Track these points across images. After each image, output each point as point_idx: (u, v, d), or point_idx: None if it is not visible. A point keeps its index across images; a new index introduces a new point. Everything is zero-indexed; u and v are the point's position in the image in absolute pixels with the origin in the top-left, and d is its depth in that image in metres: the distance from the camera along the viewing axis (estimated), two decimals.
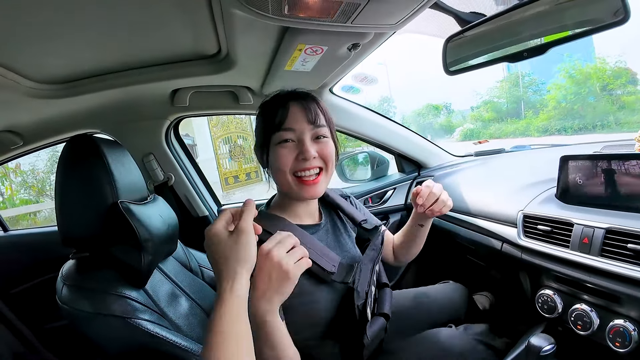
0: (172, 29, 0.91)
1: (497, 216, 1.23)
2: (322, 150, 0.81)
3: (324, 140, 0.83)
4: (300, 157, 0.79)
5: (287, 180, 0.80)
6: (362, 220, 0.99)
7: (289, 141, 0.80)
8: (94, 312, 0.79)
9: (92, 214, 0.89)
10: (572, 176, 1.04)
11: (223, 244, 0.59)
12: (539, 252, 1.04)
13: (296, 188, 0.81)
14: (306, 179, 0.80)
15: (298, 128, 0.80)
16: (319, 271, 0.79)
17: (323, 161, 0.82)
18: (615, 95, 11.98)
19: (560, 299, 1.00)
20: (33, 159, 7.94)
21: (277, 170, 0.81)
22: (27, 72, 0.99)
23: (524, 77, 15.53)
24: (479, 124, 15.55)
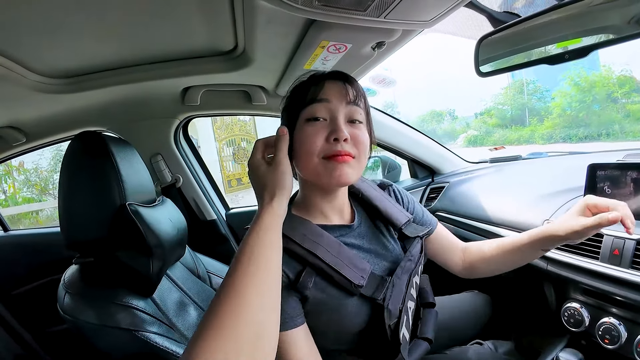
0: (188, 22, 0.86)
1: (521, 225, 1.18)
2: (356, 135, 0.69)
3: (358, 126, 0.71)
4: (331, 136, 0.67)
5: (314, 164, 0.68)
6: (405, 222, 0.84)
7: (320, 120, 0.68)
8: (99, 324, 0.73)
9: (99, 216, 0.84)
10: (600, 185, 0.98)
11: (262, 173, 0.63)
12: (566, 263, 1.00)
13: (324, 171, 0.68)
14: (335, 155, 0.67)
15: (333, 101, 0.69)
16: (343, 282, 0.69)
17: (355, 148, 0.69)
18: (620, 103, 11.97)
19: (587, 312, 0.97)
20: (36, 157, 7.95)
21: (304, 153, 0.68)
22: (33, 65, 0.94)
23: (529, 85, 15.54)
24: (482, 131, 15.54)
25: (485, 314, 1.24)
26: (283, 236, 0.63)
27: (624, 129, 11.26)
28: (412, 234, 0.83)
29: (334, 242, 0.72)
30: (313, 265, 0.68)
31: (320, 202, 0.77)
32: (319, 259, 0.68)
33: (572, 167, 1.45)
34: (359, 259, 0.73)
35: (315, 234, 0.71)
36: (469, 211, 1.49)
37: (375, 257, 0.79)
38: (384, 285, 0.72)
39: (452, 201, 1.65)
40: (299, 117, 0.70)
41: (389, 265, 0.79)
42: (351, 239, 0.78)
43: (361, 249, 0.78)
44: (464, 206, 1.55)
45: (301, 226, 0.72)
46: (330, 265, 0.68)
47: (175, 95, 1.33)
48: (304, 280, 0.66)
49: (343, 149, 0.66)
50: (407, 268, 0.79)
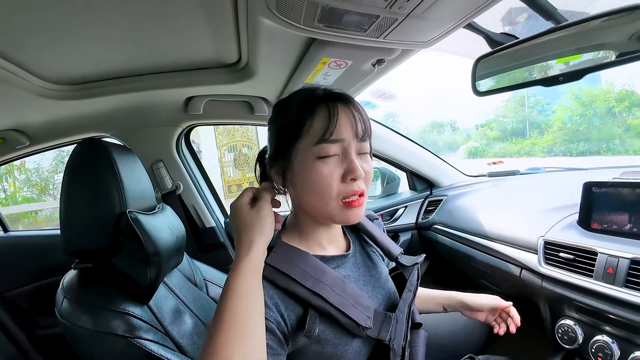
0: (194, 34, 0.88)
1: (516, 241, 1.20)
2: (367, 170, 0.65)
3: (366, 159, 0.67)
4: (349, 176, 0.62)
5: (331, 207, 0.63)
6: (400, 253, 0.81)
7: (334, 156, 0.63)
8: (94, 330, 0.74)
9: (98, 223, 0.84)
10: (595, 203, 1.01)
11: (245, 215, 0.63)
12: (560, 280, 1.01)
13: (339, 213, 0.64)
14: (352, 201, 0.63)
15: (346, 139, 0.63)
16: (350, 325, 0.63)
17: (365, 183, 0.66)
18: (620, 118, 11.96)
19: (581, 329, 0.97)
20: (38, 158, 7.93)
21: (318, 194, 0.63)
22: (38, 70, 0.96)
23: (529, 98, 15.55)
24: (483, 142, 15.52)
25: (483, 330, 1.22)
26: (280, 274, 0.62)
27: (624, 143, 11.24)
28: (410, 263, 0.78)
29: (337, 278, 0.66)
30: (316, 307, 0.62)
31: (317, 231, 0.72)
32: (324, 301, 0.62)
33: (569, 184, 1.46)
34: (362, 296, 0.68)
35: (317, 270, 0.65)
36: (466, 225, 1.50)
37: (372, 289, 0.75)
38: (389, 324, 0.68)
39: (450, 215, 1.66)
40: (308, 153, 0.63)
41: (386, 294, 0.76)
42: (348, 270, 0.73)
43: (358, 280, 0.74)
44: (462, 220, 1.56)
45: (300, 261, 0.65)
46: (337, 307, 0.62)
47: (178, 104, 1.35)
48: (309, 327, 0.60)
49: (360, 188, 0.63)
50: (407, 299, 0.75)
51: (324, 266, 0.67)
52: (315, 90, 0.67)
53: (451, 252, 1.60)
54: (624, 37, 0.74)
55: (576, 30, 0.77)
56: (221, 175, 8.40)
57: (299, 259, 0.65)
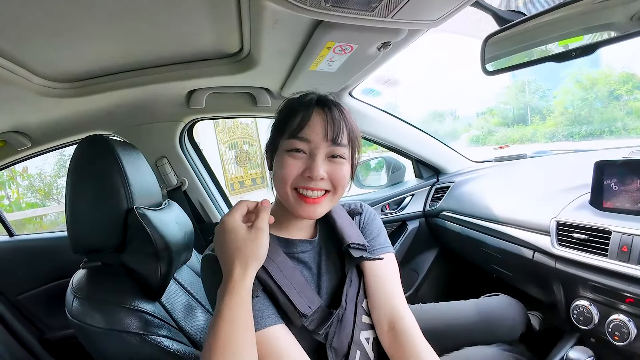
0: (194, 24, 0.86)
1: (528, 224, 1.18)
2: (334, 172, 0.68)
3: (339, 162, 0.69)
4: (306, 173, 0.66)
5: (286, 192, 0.68)
6: (355, 243, 0.76)
7: (300, 152, 0.67)
8: (107, 328, 0.72)
9: (106, 220, 0.83)
10: (607, 182, 1.00)
11: (240, 237, 0.62)
12: (574, 261, 1.00)
13: (294, 203, 0.68)
14: (307, 197, 0.67)
15: (314, 140, 0.67)
16: (288, 308, 0.65)
17: (332, 184, 0.68)
18: (622, 100, 11.89)
19: (597, 309, 0.96)
20: (40, 163, 7.94)
21: (279, 179, 0.68)
22: (38, 68, 0.94)
23: (530, 83, 15.44)
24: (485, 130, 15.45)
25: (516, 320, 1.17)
26: None
27: (627, 126, 11.18)
28: (358, 255, 0.75)
29: (288, 262, 0.70)
30: (260, 279, 0.66)
31: (287, 216, 0.75)
32: (267, 275, 0.66)
33: (578, 165, 1.45)
34: (309, 289, 0.69)
35: (273, 251, 0.68)
36: (476, 210, 1.48)
37: (328, 281, 0.76)
38: (328, 319, 0.67)
39: (458, 201, 1.65)
40: (280, 145, 0.70)
41: (333, 292, 0.75)
42: (307, 256, 0.76)
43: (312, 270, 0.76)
44: (470, 206, 1.54)
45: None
46: (279, 284, 0.66)
47: (180, 98, 1.33)
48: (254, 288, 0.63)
49: (317, 186, 0.67)
50: (351, 295, 0.74)
51: (280, 251, 0.71)
52: (310, 95, 0.73)
53: (460, 239, 1.59)
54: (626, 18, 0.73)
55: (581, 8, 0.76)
56: (223, 173, 8.41)
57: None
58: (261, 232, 0.63)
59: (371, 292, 0.77)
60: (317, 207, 0.68)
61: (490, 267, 1.47)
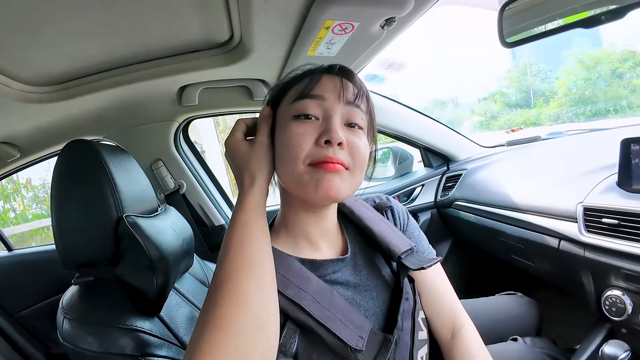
0: (178, 13, 0.78)
1: (551, 210, 1.11)
2: (353, 142, 0.56)
3: (358, 132, 0.58)
4: (323, 137, 0.54)
5: (299, 172, 0.54)
6: (406, 251, 0.66)
7: (311, 118, 0.56)
8: (101, 352, 0.66)
9: (94, 232, 0.77)
10: (635, 161, 0.92)
11: (242, 152, 0.59)
12: (605, 248, 0.93)
13: (309, 180, 0.54)
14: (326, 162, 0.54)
15: (329, 99, 0.57)
16: (336, 345, 0.53)
17: (350, 158, 0.56)
18: (625, 79, 11.76)
19: (630, 299, 0.90)
20: (44, 174, 7.96)
21: (287, 157, 0.56)
22: (15, 72, 0.87)
23: (532, 66, 15.28)
24: (487, 116, 15.34)
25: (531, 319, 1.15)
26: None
27: (632, 104, 11.08)
28: (415, 266, 0.64)
29: (324, 288, 0.57)
30: (296, 320, 0.54)
31: (305, 223, 0.63)
32: (304, 312, 0.53)
33: (597, 145, 1.38)
34: (355, 313, 0.57)
35: (300, 277, 0.57)
36: (492, 198, 1.41)
37: (374, 298, 0.64)
38: (387, 348, 0.55)
39: (472, 189, 1.57)
40: (285, 114, 0.59)
41: (384, 309, 0.64)
42: (345, 275, 0.63)
43: (358, 288, 0.63)
44: (486, 193, 1.47)
45: (281, 265, 0.57)
46: (319, 320, 0.53)
47: (171, 96, 1.25)
48: (285, 341, 0.53)
49: (335, 155, 0.54)
50: (407, 310, 0.63)
51: (310, 274, 0.58)
52: (311, 67, 0.65)
53: (476, 229, 1.52)
54: None
55: None
56: (227, 173, 8.40)
57: (281, 264, 0.57)
58: (262, 145, 0.59)
59: (429, 303, 0.72)
60: (337, 179, 0.54)
61: (510, 257, 1.40)
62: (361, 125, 0.59)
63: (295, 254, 0.62)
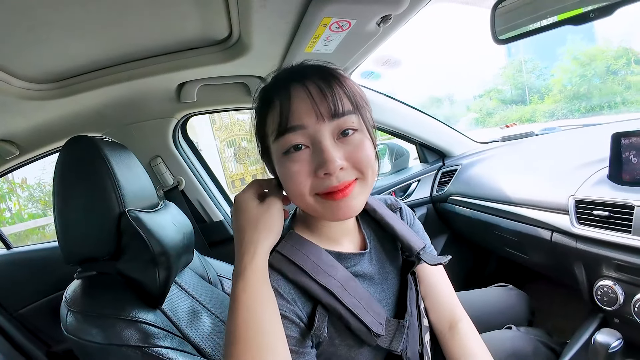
0: (178, 10, 0.79)
1: (544, 204, 1.13)
2: (353, 154, 0.53)
3: (354, 138, 0.54)
4: (320, 171, 0.52)
5: (308, 203, 0.56)
6: (422, 247, 0.69)
7: (301, 148, 0.53)
8: (105, 343, 0.67)
9: (97, 227, 0.78)
10: (625, 155, 0.95)
11: (251, 211, 0.57)
12: (596, 239, 0.95)
13: (322, 209, 0.56)
14: (333, 192, 0.53)
15: (308, 125, 0.52)
16: (361, 331, 0.57)
17: (356, 169, 0.54)
18: (620, 75, 11.82)
19: (622, 289, 0.92)
20: (39, 173, 7.91)
21: (292, 193, 0.56)
22: (15, 70, 0.88)
23: (527, 62, 15.32)
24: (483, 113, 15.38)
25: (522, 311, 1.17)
26: (291, 264, 0.57)
27: (627, 100, 11.15)
28: (433, 262, 0.67)
29: (349, 277, 0.60)
30: (326, 305, 0.56)
31: (327, 226, 0.65)
32: (335, 299, 0.56)
33: (589, 140, 1.40)
34: (374, 301, 0.61)
35: (329, 265, 0.59)
36: (486, 193, 1.43)
37: (385, 290, 0.68)
38: (401, 333, 0.61)
39: (467, 184, 1.59)
40: (274, 150, 0.57)
41: (393, 299, 0.69)
42: (363, 268, 0.66)
43: (372, 280, 0.67)
44: (480, 188, 1.49)
45: (311, 253, 0.59)
46: (348, 307, 0.56)
47: (170, 93, 1.26)
48: (319, 325, 0.55)
49: (340, 181, 0.52)
50: (412, 299, 0.68)
51: (336, 262, 0.61)
52: (281, 73, 0.61)
53: (471, 223, 1.54)
54: None
55: None
56: (223, 171, 8.37)
57: (311, 251, 0.59)
58: (273, 205, 0.58)
59: (429, 294, 0.78)
60: (350, 200, 0.54)
61: (504, 250, 1.42)
62: (355, 127, 0.55)
63: (324, 245, 0.63)
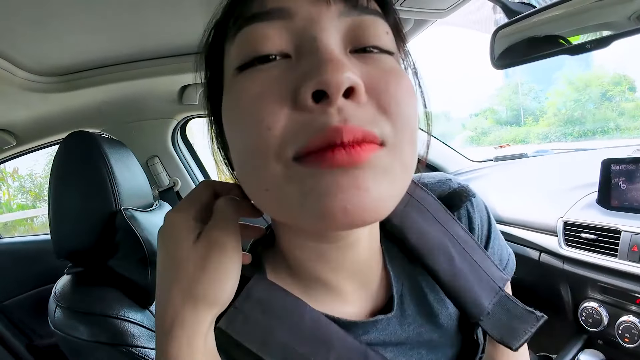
0: (186, 13, 0.80)
1: (533, 224, 1.14)
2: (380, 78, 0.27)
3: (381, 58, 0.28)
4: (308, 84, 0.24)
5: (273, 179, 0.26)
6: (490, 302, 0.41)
7: (274, 58, 0.27)
8: (92, 341, 0.67)
9: (91, 223, 0.78)
10: (614, 180, 0.98)
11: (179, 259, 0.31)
12: (582, 261, 0.97)
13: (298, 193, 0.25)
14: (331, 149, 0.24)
15: (299, 9, 0.27)
16: None
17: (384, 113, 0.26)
18: (614, 102, 12.05)
19: (606, 311, 0.94)
20: (31, 163, 7.81)
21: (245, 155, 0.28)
22: (21, 61, 0.88)
23: (523, 85, 15.54)
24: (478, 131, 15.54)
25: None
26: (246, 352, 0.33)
27: (620, 126, 11.36)
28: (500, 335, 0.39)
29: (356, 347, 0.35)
30: None
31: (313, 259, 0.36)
32: None
33: (582, 163, 1.43)
34: None
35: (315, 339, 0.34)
36: None
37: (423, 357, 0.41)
38: None
39: None
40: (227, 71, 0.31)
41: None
42: (387, 334, 0.39)
43: (403, 346, 0.40)
44: None
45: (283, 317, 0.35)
46: None
47: (172, 94, 1.27)
48: None
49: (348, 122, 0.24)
50: None
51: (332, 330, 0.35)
52: None
53: None
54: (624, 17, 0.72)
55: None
56: (217, 174, 8.35)
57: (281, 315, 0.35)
58: (217, 247, 0.31)
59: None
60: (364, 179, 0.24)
61: None
62: (387, 48, 0.29)
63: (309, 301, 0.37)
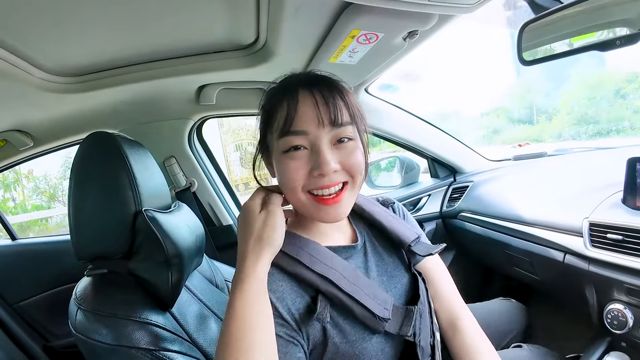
0: (207, 13, 0.80)
1: (557, 225, 1.12)
2: (346, 159, 0.59)
3: (348, 145, 0.59)
4: (315, 172, 0.57)
5: (300, 199, 0.60)
6: (415, 239, 0.71)
7: (300, 148, 0.58)
8: (115, 344, 0.66)
9: (112, 224, 0.77)
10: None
11: (253, 221, 0.59)
12: (609, 263, 0.94)
13: (312, 209, 0.60)
14: (325, 198, 0.59)
15: (311, 131, 0.57)
16: (365, 316, 0.58)
17: (347, 173, 0.59)
18: (629, 99, 11.82)
19: (632, 313, 0.91)
20: (46, 165, 7.93)
21: (286, 188, 0.60)
22: (40, 61, 0.88)
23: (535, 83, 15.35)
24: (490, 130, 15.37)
25: (519, 322, 1.16)
26: (287, 257, 0.60)
27: (634, 125, 11.14)
28: (424, 252, 0.70)
29: (347, 266, 0.62)
30: (326, 293, 0.58)
31: (318, 223, 0.68)
32: (334, 286, 0.58)
33: (603, 163, 1.39)
34: (377, 288, 0.62)
35: (326, 256, 0.62)
36: (498, 211, 1.42)
37: (388, 281, 0.69)
38: (410, 317, 0.60)
39: (479, 201, 1.57)
40: (275, 148, 0.61)
41: (402, 291, 0.69)
42: (358, 262, 0.68)
43: (371, 271, 0.68)
44: (492, 206, 1.47)
45: (306, 246, 0.62)
46: (349, 293, 0.58)
47: (190, 94, 1.26)
48: (321, 310, 0.57)
49: (332, 181, 0.58)
50: (423, 290, 0.69)
51: (333, 254, 0.63)
52: (290, 77, 0.65)
53: (481, 240, 1.52)
54: None
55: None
56: (228, 175, 8.38)
57: (306, 245, 0.62)
58: (272, 214, 0.59)
59: (432, 292, 0.76)
60: (340, 207, 0.59)
61: (513, 270, 1.41)
62: (351, 136, 0.60)
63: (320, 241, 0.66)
